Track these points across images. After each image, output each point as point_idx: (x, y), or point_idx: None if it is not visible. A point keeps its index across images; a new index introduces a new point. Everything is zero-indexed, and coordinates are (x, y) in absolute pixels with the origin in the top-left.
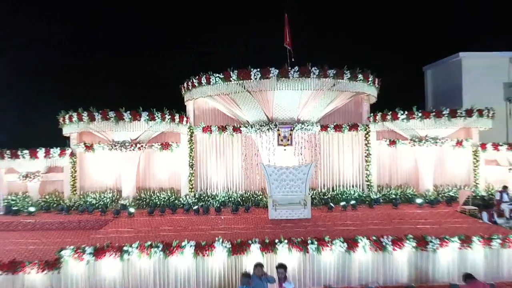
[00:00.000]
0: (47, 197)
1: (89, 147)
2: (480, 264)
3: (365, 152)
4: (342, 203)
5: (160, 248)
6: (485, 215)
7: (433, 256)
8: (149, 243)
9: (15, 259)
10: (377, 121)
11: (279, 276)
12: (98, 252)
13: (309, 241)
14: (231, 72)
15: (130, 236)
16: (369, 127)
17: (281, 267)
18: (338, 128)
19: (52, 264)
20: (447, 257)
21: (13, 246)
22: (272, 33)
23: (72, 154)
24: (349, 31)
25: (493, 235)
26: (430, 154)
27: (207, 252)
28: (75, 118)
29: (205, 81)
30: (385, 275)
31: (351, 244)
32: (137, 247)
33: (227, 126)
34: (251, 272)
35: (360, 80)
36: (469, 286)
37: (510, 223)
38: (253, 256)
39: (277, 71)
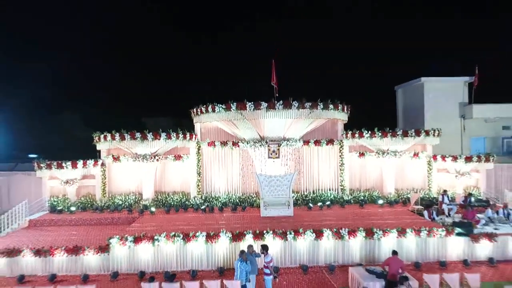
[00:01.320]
0: (82, 199)
1: (116, 159)
2: (412, 249)
3: (340, 162)
4: (319, 204)
5: (181, 237)
6: (426, 213)
7: (378, 243)
8: (173, 233)
9: (77, 245)
10: (348, 137)
11: (262, 252)
12: (137, 240)
13: (288, 232)
14: (231, 104)
15: (155, 229)
16: (342, 142)
17: (263, 246)
18: (317, 143)
19: (104, 248)
20: (389, 244)
21: (65, 237)
22: None
23: (103, 164)
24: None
25: (421, 228)
26: (392, 164)
27: (214, 240)
28: (109, 138)
29: (211, 109)
30: (343, 257)
31: (318, 234)
32: (164, 236)
33: (227, 142)
34: (246, 250)
35: (331, 109)
36: (391, 259)
37: (443, 219)
38: (247, 242)
39: (266, 104)
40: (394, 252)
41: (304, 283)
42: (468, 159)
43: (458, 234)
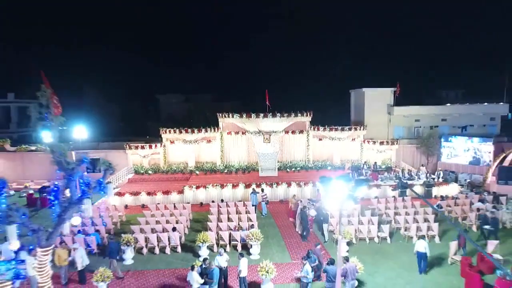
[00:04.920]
0: (153, 166)
1: (172, 142)
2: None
3: (307, 144)
4: (293, 169)
5: (219, 185)
6: (350, 174)
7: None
8: (215, 184)
9: (167, 189)
10: (312, 130)
11: (262, 190)
12: (197, 187)
13: (273, 183)
14: (243, 114)
15: (202, 182)
16: (309, 132)
17: (262, 189)
18: (293, 132)
19: (180, 191)
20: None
21: (151, 186)
22: None
23: (164, 146)
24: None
25: None
26: (338, 145)
27: (236, 187)
28: (171, 131)
29: (230, 116)
30: (302, 195)
31: (289, 184)
32: (210, 185)
33: (239, 132)
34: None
35: (299, 116)
36: (318, 194)
37: (358, 177)
38: (252, 187)
39: (262, 114)
40: (318, 190)
41: (281, 207)
42: (381, 143)
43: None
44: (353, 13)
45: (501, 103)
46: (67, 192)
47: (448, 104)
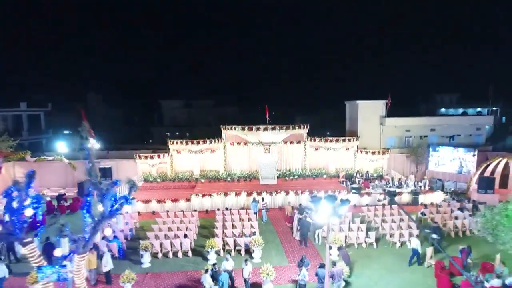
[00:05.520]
0: (160, 174)
1: (178, 152)
2: None
3: (304, 154)
4: (291, 177)
5: (223, 193)
6: (344, 182)
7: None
8: (219, 192)
9: (175, 198)
10: (308, 140)
11: (262, 199)
12: (203, 195)
13: (273, 191)
14: (245, 127)
15: (206, 189)
16: (306, 142)
17: (262, 198)
18: (291, 143)
19: (188, 199)
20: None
21: (160, 195)
22: None
23: (171, 155)
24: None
25: (335, 189)
26: (333, 155)
27: (239, 195)
28: (178, 142)
29: (233, 128)
30: (298, 202)
31: (287, 192)
32: (215, 193)
33: (241, 142)
34: (255, 198)
35: (297, 128)
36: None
37: (352, 185)
38: (253, 196)
39: (263, 127)
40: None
41: (280, 213)
42: (373, 152)
43: (353, 192)
44: (353, 13)
45: (493, 108)
46: (100, 207)
47: (443, 109)
